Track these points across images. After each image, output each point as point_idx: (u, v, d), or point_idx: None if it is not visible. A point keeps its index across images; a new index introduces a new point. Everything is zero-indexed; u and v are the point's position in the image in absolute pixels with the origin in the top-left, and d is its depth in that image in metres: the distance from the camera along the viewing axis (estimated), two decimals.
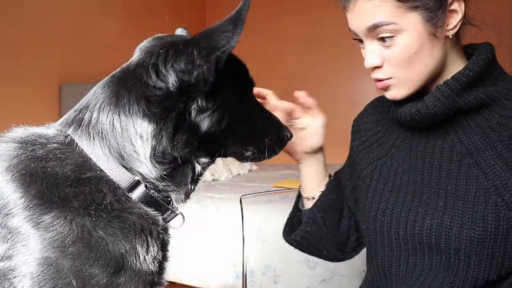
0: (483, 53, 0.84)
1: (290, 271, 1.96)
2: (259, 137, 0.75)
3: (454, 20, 0.82)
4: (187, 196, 0.71)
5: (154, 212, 0.66)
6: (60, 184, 0.60)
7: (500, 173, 0.79)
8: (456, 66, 0.87)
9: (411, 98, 0.87)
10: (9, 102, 2.37)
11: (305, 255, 1.34)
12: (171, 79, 0.62)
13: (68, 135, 0.64)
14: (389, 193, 0.93)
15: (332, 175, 1.12)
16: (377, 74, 0.86)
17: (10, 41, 2.39)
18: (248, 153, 0.74)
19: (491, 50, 0.86)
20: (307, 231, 1.05)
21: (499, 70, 0.87)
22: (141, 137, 0.63)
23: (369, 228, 0.96)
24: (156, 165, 0.65)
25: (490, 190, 0.80)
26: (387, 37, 0.81)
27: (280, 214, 2.12)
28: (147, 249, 0.64)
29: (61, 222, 0.58)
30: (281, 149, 0.80)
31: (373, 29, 0.81)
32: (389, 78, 0.85)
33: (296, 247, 1.11)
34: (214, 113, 0.65)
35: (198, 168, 0.70)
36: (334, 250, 1.07)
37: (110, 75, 0.69)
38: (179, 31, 0.82)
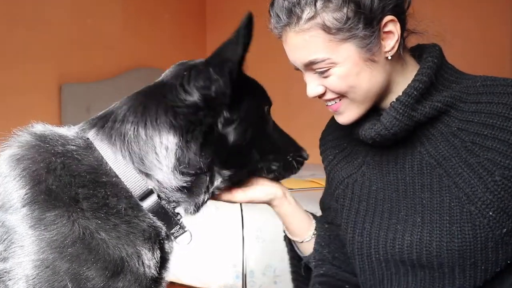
0: (429, 60, 0.82)
1: None
2: (282, 154, 0.82)
3: (391, 41, 0.79)
4: (196, 207, 0.73)
5: (160, 223, 0.67)
6: (74, 183, 0.61)
7: (469, 180, 0.77)
8: (404, 77, 0.84)
9: (366, 114, 0.85)
10: (9, 102, 2.37)
11: None
12: (196, 95, 0.68)
13: (87, 138, 0.66)
14: (364, 212, 0.90)
15: (319, 202, 1.07)
16: (324, 98, 0.85)
17: (10, 41, 2.39)
18: (273, 167, 0.81)
19: (437, 53, 0.84)
20: (322, 274, 0.97)
21: (449, 71, 0.85)
22: (166, 147, 0.66)
23: (348, 249, 0.92)
24: (178, 176, 0.67)
25: (462, 199, 0.78)
26: (323, 70, 0.79)
27: None
28: (152, 255, 0.65)
29: (64, 222, 0.59)
30: (300, 168, 0.86)
31: (309, 65, 0.80)
32: (338, 97, 0.83)
33: None
34: (238, 125, 0.72)
35: (218, 179, 0.73)
36: (355, 280, 0.98)
37: (134, 92, 0.73)
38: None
